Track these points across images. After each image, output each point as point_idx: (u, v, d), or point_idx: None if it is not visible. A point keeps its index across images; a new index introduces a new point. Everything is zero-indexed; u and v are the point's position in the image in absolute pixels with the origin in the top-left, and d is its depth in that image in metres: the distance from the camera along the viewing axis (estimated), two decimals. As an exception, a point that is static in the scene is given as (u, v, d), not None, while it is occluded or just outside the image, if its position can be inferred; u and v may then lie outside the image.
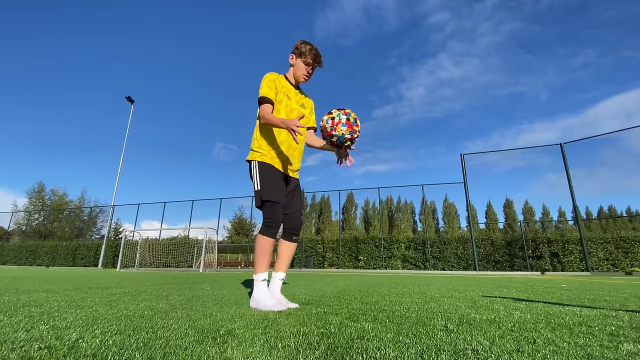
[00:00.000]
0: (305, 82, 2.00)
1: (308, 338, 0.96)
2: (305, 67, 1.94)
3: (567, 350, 0.85)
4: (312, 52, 1.92)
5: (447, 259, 13.53)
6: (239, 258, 22.65)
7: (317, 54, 1.94)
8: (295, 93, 1.98)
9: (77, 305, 1.69)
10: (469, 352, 0.83)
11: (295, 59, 1.96)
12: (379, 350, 0.83)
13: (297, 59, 1.95)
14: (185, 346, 0.85)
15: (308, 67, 1.94)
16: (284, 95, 1.92)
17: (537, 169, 24.43)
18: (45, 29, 52.04)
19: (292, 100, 1.95)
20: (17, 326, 1.10)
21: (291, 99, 1.94)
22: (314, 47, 1.94)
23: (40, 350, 0.79)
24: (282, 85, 1.93)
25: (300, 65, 1.94)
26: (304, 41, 1.97)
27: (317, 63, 1.96)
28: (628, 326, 1.19)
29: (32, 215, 27.61)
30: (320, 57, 1.96)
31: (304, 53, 1.92)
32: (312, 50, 1.93)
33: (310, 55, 1.92)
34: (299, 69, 1.95)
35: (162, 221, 18.91)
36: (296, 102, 1.97)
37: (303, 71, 1.94)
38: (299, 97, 2.00)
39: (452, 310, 1.58)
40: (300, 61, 1.94)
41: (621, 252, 11.64)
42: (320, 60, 1.96)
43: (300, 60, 1.94)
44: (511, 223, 32.76)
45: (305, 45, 1.94)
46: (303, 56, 1.92)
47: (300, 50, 1.93)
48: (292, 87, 1.98)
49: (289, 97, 1.94)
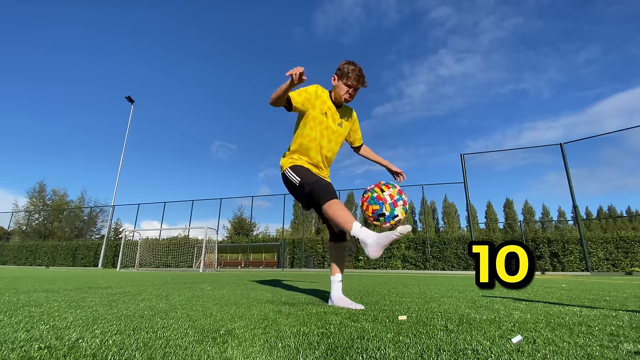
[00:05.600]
0: (347, 102, 1.96)
1: (308, 338, 0.96)
2: (347, 88, 1.89)
3: (567, 350, 0.85)
4: (354, 72, 1.86)
5: (447, 259, 13.53)
6: (239, 258, 22.65)
7: (361, 75, 1.88)
8: (334, 112, 1.95)
9: (77, 305, 1.69)
10: (469, 352, 0.83)
11: (338, 80, 1.91)
12: (379, 350, 0.83)
13: (339, 80, 1.90)
14: (185, 346, 0.85)
15: (350, 89, 1.89)
16: (322, 112, 1.90)
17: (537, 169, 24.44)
18: (44, 27, 52.06)
19: (330, 119, 1.92)
20: (17, 326, 1.10)
21: (329, 117, 1.92)
22: (357, 68, 1.88)
23: (40, 350, 0.79)
24: (322, 100, 1.90)
25: (342, 86, 1.89)
26: (348, 61, 1.91)
27: (360, 84, 1.90)
28: (628, 326, 1.19)
29: (32, 215, 27.61)
30: (364, 78, 1.90)
31: (346, 74, 1.87)
32: (355, 71, 1.87)
33: (353, 76, 1.86)
34: (341, 90, 1.89)
35: (162, 221, 18.96)
36: (333, 121, 1.94)
37: (344, 93, 1.90)
38: (337, 117, 1.96)
39: (452, 310, 1.58)
40: (341, 83, 1.89)
41: (621, 252, 11.65)
42: (364, 81, 1.91)
43: (342, 82, 1.88)
44: (511, 223, 32.79)
45: (349, 66, 1.88)
46: (345, 77, 1.87)
47: (343, 71, 1.88)
48: (333, 105, 1.94)
49: (327, 115, 1.91)
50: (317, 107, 1.89)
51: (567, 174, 11.28)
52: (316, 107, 1.89)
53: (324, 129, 1.92)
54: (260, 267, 19.24)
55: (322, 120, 1.90)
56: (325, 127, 1.92)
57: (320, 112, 1.90)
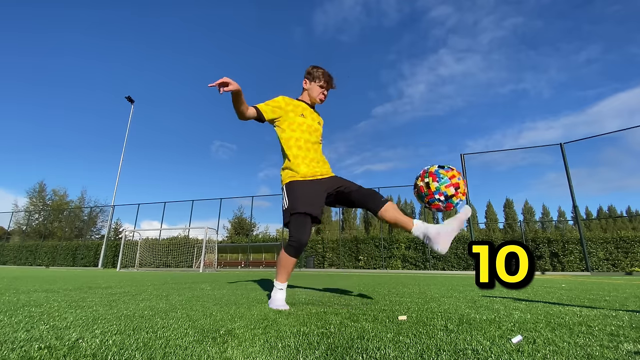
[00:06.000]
0: (321, 103, 2.13)
1: (308, 338, 0.96)
2: (320, 89, 2.07)
3: (567, 350, 0.85)
4: (325, 76, 2.07)
5: (447, 259, 13.53)
6: (238, 258, 22.66)
7: (330, 77, 2.09)
8: (311, 112, 2.08)
9: (77, 305, 1.69)
10: (469, 352, 0.83)
11: (310, 83, 2.09)
12: (379, 350, 0.83)
13: (311, 82, 2.08)
14: (185, 346, 0.85)
15: (323, 89, 2.08)
16: (298, 114, 1.98)
17: (537, 169, 24.45)
18: (44, 27, 52.05)
19: (309, 118, 2.02)
20: (17, 326, 1.10)
21: (307, 117, 2.01)
22: (325, 71, 2.09)
23: (40, 350, 0.79)
24: (294, 105, 2.00)
25: (315, 88, 2.07)
26: (314, 66, 2.11)
27: (330, 86, 2.10)
28: (628, 326, 1.19)
29: (32, 215, 27.61)
30: (332, 80, 2.10)
31: (317, 77, 2.06)
32: (325, 74, 2.07)
33: (324, 78, 2.06)
34: (314, 92, 2.07)
35: (162, 221, 18.93)
36: (312, 120, 2.04)
37: (318, 94, 2.07)
38: (314, 116, 2.10)
39: (452, 310, 1.58)
40: (314, 85, 2.07)
41: (621, 252, 11.64)
42: (333, 83, 2.11)
43: (314, 84, 2.07)
44: (511, 223, 32.78)
45: (317, 70, 2.08)
46: (317, 80, 2.06)
47: (313, 74, 2.07)
48: (307, 106, 2.07)
49: (305, 116, 2.00)
50: (291, 112, 1.97)
51: (567, 174, 11.28)
52: (290, 112, 1.97)
53: (306, 128, 1.99)
54: (260, 267, 19.24)
55: (301, 121, 1.98)
56: (307, 125, 2.00)
57: (297, 115, 1.98)
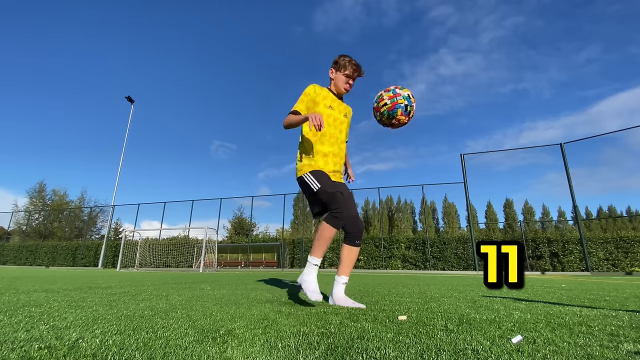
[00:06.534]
0: (347, 92, 2.10)
1: (308, 338, 0.96)
2: (345, 79, 2.03)
3: (567, 350, 0.85)
4: (351, 63, 2.02)
5: (447, 259, 13.52)
6: (238, 258, 22.65)
7: (357, 65, 2.03)
8: (339, 103, 2.07)
9: (77, 305, 1.69)
10: (469, 352, 0.83)
11: (335, 72, 2.06)
12: (379, 350, 0.83)
13: (337, 72, 2.05)
14: (185, 346, 0.85)
15: (349, 79, 2.04)
16: (326, 106, 1.98)
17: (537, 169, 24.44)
18: (44, 28, 52.06)
19: (336, 111, 2.02)
20: (17, 326, 1.10)
21: (334, 109, 2.01)
22: (352, 60, 2.04)
23: (40, 350, 0.79)
24: (323, 96, 2.00)
25: (341, 77, 2.04)
26: (342, 55, 2.07)
27: (357, 73, 2.05)
28: (628, 326, 1.19)
29: (32, 215, 27.59)
30: (360, 68, 2.04)
31: (343, 66, 2.02)
32: (352, 62, 2.02)
33: (350, 66, 2.01)
34: (339, 81, 2.04)
35: (162, 221, 18.92)
36: (339, 112, 2.04)
37: (344, 83, 2.04)
38: (342, 107, 2.08)
39: (452, 310, 1.58)
40: (340, 74, 2.04)
41: (621, 252, 11.64)
42: (362, 70, 2.05)
43: (340, 73, 2.04)
44: (511, 223, 32.78)
45: (344, 58, 2.04)
46: (343, 68, 2.02)
47: (340, 63, 2.04)
48: (335, 97, 2.06)
49: (332, 107, 2.00)
50: (321, 103, 1.96)
51: (567, 174, 11.29)
52: (319, 104, 1.96)
53: (333, 121, 1.99)
54: (260, 267, 19.23)
55: (329, 113, 1.97)
56: (333, 118, 1.99)
57: (325, 107, 1.97)
